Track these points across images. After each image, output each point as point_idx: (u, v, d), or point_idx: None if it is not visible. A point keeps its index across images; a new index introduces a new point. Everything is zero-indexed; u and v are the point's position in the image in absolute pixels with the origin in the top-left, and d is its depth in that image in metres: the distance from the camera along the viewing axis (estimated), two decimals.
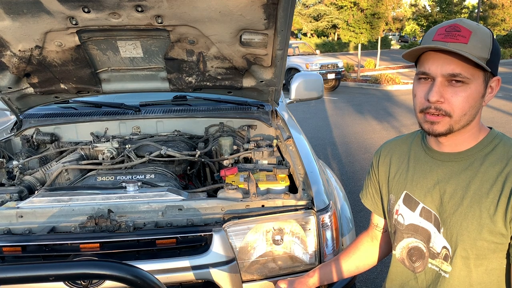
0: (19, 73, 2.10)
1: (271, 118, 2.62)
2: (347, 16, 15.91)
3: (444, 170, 1.08)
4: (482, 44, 0.97)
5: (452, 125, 1.00)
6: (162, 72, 2.27)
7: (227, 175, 1.89)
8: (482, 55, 0.96)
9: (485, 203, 0.99)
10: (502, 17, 26.20)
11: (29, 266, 0.80)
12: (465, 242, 1.02)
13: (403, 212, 1.17)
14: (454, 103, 0.98)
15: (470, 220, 1.01)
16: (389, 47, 40.18)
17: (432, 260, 1.11)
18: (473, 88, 0.98)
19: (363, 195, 1.38)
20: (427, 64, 1.00)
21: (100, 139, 2.47)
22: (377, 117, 8.94)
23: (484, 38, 0.97)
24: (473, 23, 1.00)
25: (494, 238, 0.99)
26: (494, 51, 0.99)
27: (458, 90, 0.98)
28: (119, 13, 1.69)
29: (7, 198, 1.80)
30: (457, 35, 0.96)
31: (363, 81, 15.04)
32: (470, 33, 0.97)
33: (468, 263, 1.04)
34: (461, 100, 0.98)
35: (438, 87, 0.98)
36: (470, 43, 0.95)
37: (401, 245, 1.19)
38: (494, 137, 1.05)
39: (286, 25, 1.74)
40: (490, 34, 1.00)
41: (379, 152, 1.30)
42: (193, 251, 1.53)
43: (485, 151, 1.04)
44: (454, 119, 1.00)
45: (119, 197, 1.66)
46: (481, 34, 0.98)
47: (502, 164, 1.00)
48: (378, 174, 1.29)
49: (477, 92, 0.98)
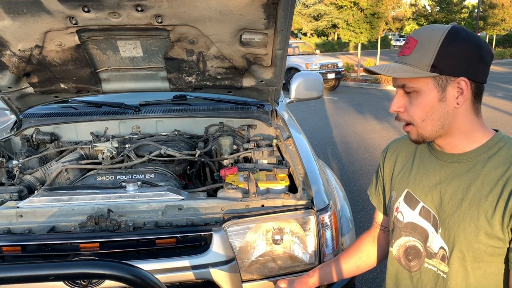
0: (19, 72, 2.10)
1: (271, 118, 2.62)
2: (347, 16, 15.90)
3: (447, 171, 1.08)
4: (425, 51, 0.99)
5: (420, 133, 1.06)
6: (162, 72, 2.27)
7: (227, 174, 1.89)
8: (424, 62, 0.98)
9: (483, 205, 0.99)
10: (502, 17, 26.15)
11: (29, 266, 0.80)
12: (462, 244, 1.02)
13: (403, 209, 1.17)
14: (410, 111, 1.05)
15: (467, 222, 1.01)
16: (389, 47, 40.19)
17: (429, 260, 1.11)
18: (424, 95, 1.01)
19: (371, 192, 1.38)
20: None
21: (100, 139, 2.47)
22: (377, 117, 8.94)
23: (429, 44, 0.98)
24: (429, 29, 1.01)
25: (491, 241, 0.98)
26: (445, 52, 0.97)
27: (411, 99, 1.04)
28: (119, 12, 1.69)
29: (7, 198, 1.80)
30: (405, 47, 1.04)
31: (363, 81, 15.04)
32: (416, 42, 1.01)
33: (465, 265, 1.03)
34: (415, 108, 1.04)
35: (396, 98, 1.06)
36: (412, 54, 1.01)
37: (398, 242, 1.19)
38: (500, 140, 1.04)
39: (286, 24, 1.74)
40: (440, 36, 0.97)
41: (386, 150, 1.31)
42: (193, 251, 1.53)
43: (488, 154, 1.03)
44: (418, 126, 1.05)
45: (119, 197, 1.66)
46: (427, 40, 0.99)
47: (504, 168, 0.99)
48: (383, 171, 1.30)
49: (430, 98, 1.01)
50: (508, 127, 7.52)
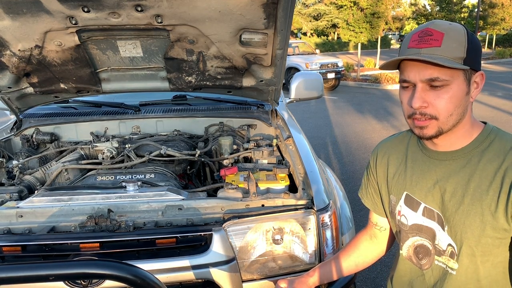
0: (19, 72, 2.10)
1: (271, 118, 2.62)
2: (347, 15, 15.89)
3: (443, 169, 1.08)
4: (456, 44, 0.97)
5: (441, 127, 1.02)
6: (162, 72, 2.27)
7: (227, 174, 1.89)
8: (457, 54, 0.96)
9: (485, 200, 1.00)
10: (502, 16, 26.17)
11: (29, 266, 0.80)
12: (470, 240, 1.03)
13: (405, 213, 1.17)
14: (438, 106, 0.99)
15: (472, 218, 1.02)
16: (389, 47, 40.17)
17: (439, 257, 1.12)
18: (455, 88, 0.98)
19: (363, 194, 1.38)
20: (406, 71, 1.01)
21: (100, 139, 2.47)
22: (377, 117, 8.94)
23: (458, 37, 0.97)
24: (445, 23, 1.00)
25: (498, 234, 1.00)
26: (471, 47, 0.98)
27: (440, 93, 0.99)
28: (118, 12, 1.69)
29: (7, 198, 1.80)
30: (429, 39, 0.98)
31: (363, 80, 15.03)
32: (443, 35, 0.97)
33: (475, 260, 1.04)
34: (445, 102, 0.99)
35: (419, 93, 1.00)
36: (444, 45, 0.96)
37: (407, 244, 1.20)
38: (490, 133, 1.06)
39: (286, 24, 1.74)
40: (464, 31, 0.99)
41: (376, 152, 1.31)
42: (193, 251, 1.53)
43: (481, 147, 1.04)
44: (441, 121, 1.01)
45: (119, 197, 1.66)
46: (454, 33, 0.98)
47: (499, 160, 1.01)
48: (376, 175, 1.30)
49: (459, 91, 0.99)
50: (508, 126, 7.52)
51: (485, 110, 8.95)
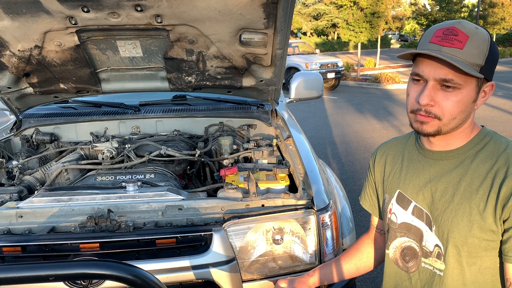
0: (19, 73, 2.10)
1: (271, 118, 2.62)
2: (346, 15, 15.90)
3: (436, 168, 1.09)
4: (477, 50, 0.96)
5: (441, 127, 1.01)
6: (162, 72, 2.27)
7: (227, 174, 1.89)
8: (476, 61, 0.96)
9: (475, 199, 1.00)
10: (502, 16, 26.15)
11: (29, 266, 0.80)
12: (456, 239, 1.02)
13: (396, 210, 1.18)
14: (444, 107, 0.99)
15: (460, 217, 1.02)
16: (389, 46, 40.17)
17: (425, 259, 1.11)
18: (465, 93, 0.98)
19: (361, 197, 1.39)
20: (421, 66, 1.00)
21: (99, 139, 2.47)
22: (377, 116, 8.94)
23: (480, 44, 0.96)
24: (473, 26, 0.98)
25: (485, 235, 0.99)
26: (491, 56, 0.97)
27: (449, 95, 0.98)
28: (118, 12, 1.69)
29: (7, 198, 1.80)
30: (453, 39, 0.96)
31: (363, 80, 15.04)
32: (467, 38, 0.96)
33: (461, 261, 1.04)
34: (451, 104, 0.98)
35: (429, 90, 0.99)
36: (466, 49, 0.95)
37: (394, 244, 1.19)
38: (485, 135, 1.06)
39: (285, 24, 1.74)
40: (488, 38, 0.98)
41: (375, 154, 1.32)
42: (193, 251, 1.53)
43: (476, 149, 1.05)
44: (443, 122, 1.00)
45: (119, 197, 1.66)
46: (478, 39, 0.97)
47: (492, 161, 1.01)
48: (374, 175, 1.30)
49: (468, 97, 0.99)
50: (508, 126, 7.51)
51: (485, 109, 8.94)
